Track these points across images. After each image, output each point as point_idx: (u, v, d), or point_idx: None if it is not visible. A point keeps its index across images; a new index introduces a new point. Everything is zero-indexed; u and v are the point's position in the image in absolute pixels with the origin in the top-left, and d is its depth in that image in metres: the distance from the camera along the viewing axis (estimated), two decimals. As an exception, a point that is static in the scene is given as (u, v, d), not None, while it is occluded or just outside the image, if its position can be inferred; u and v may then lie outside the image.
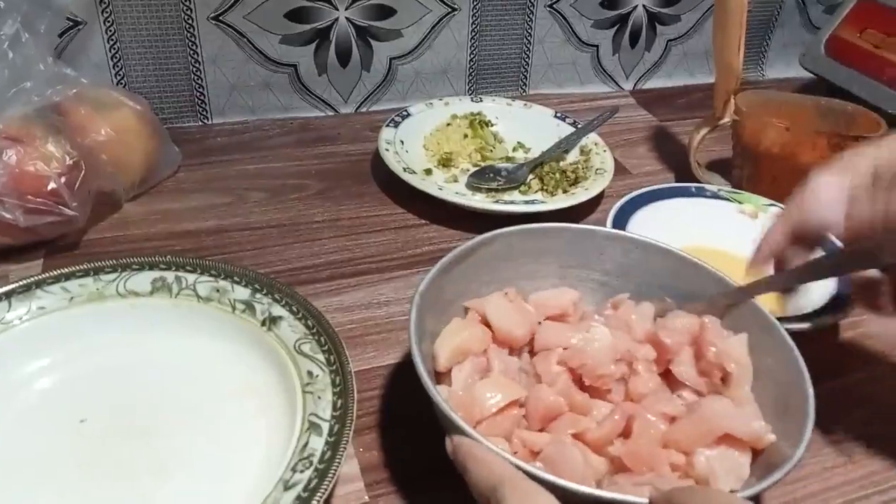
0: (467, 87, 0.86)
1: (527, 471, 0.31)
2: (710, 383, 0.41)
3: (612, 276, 0.47)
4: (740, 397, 0.39)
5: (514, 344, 0.43)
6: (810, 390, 0.36)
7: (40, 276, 0.47)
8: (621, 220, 0.57)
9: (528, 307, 0.45)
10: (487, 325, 0.43)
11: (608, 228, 0.48)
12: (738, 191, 0.65)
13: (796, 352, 0.38)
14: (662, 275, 0.46)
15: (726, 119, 0.67)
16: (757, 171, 0.66)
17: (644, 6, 0.89)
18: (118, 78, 0.71)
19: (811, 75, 0.87)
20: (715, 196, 0.64)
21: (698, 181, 0.68)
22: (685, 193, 0.64)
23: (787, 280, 0.42)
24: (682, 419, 0.38)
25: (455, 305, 0.44)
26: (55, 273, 0.47)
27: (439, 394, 0.35)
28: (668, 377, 0.42)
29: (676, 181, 0.71)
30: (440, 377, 0.41)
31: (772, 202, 0.63)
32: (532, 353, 0.43)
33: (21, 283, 0.46)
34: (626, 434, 0.38)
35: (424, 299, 0.40)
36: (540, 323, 0.44)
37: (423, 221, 0.63)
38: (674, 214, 0.61)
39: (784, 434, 0.36)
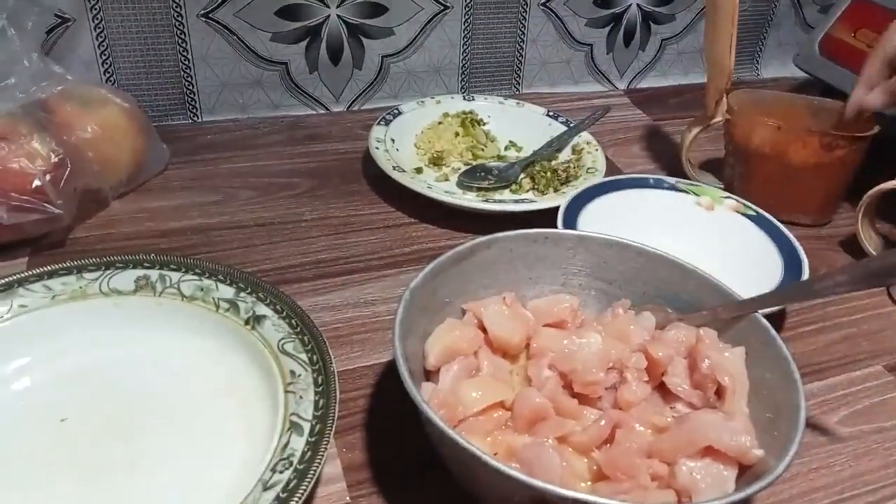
0: (460, 86, 0.86)
1: (502, 470, 0.30)
2: (703, 396, 0.40)
3: (614, 284, 0.46)
4: (734, 411, 0.38)
5: (509, 349, 0.43)
6: (803, 405, 0.35)
7: (22, 274, 0.46)
8: (575, 210, 0.57)
9: (525, 313, 0.44)
10: (483, 328, 0.43)
11: (610, 236, 0.47)
12: (695, 182, 0.65)
13: (793, 366, 0.37)
14: (665, 284, 0.45)
15: (718, 118, 0.67)
16: (748, 170, 0.66)
17: (638, 5, 0.88)
18: (107, 75, 0.71)
19: (806, 75, 0.86)
20: (672, 188, 0.63)
21: (689, 180, 0.68)
22: (643, 185, 0.63)
23: (790, 296, 0.39)
24: (669, 430, 0.37)
25: (451, 307, 0.44)
26: (37, 271, 0.47)
27: (419, 392, 0.34)
28: (663, 389, 0.41)
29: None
30: (430, 375, 0.41)
31: (728, 195, 0.62)
32: (529, 360, 0.42)
33: (2, 281, 0.45)
34: (611, 442, 0.37)
35: (415, 297, 0.40)
36: (538, 329, 0.43)
37: (413, 220, 0.63)
38: (629, 206, 0.60)
39: (773, 448, 0.35)
